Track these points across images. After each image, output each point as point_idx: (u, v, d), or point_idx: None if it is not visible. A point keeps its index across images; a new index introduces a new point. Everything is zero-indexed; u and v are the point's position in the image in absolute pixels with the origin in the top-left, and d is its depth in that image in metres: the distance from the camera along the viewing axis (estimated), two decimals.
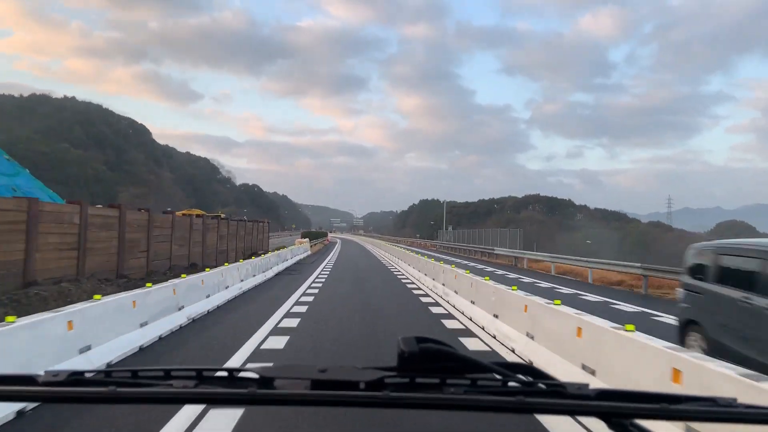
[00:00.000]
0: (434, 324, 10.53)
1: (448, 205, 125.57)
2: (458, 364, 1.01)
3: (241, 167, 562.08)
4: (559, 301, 7.27)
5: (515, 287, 9.40)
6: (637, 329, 5.17)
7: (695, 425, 3.54)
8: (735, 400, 0.95)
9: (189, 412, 4.77)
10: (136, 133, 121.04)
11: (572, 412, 0.99)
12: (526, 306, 8.02)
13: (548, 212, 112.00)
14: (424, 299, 14.44)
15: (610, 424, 0.95)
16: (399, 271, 24.62)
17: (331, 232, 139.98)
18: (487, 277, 11.52)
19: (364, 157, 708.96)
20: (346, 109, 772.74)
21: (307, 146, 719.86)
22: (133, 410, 4.77)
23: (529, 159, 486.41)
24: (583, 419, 4.58)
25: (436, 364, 0.99)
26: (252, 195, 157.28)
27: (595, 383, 4.85)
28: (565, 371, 6.03)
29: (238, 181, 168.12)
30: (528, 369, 1.09)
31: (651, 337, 5.01)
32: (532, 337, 7.59)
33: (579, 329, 6.07)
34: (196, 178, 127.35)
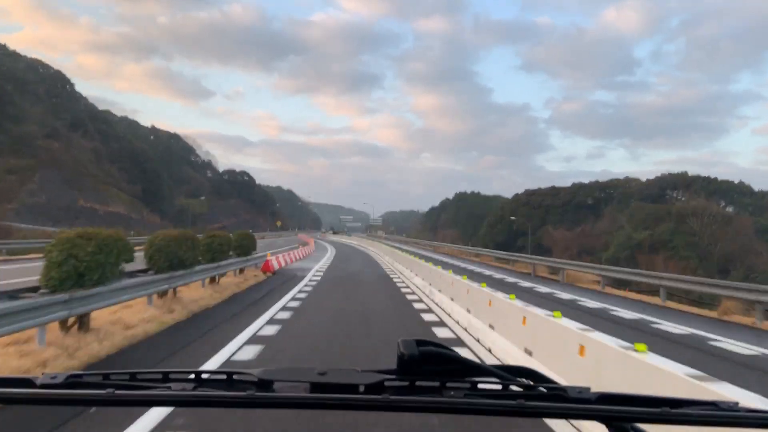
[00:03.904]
0: None
1: (507, 200, 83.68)
2: (458, 367, 1.00)
3: (255, 167, 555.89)
4: None
5: None
6: None
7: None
8: (737, 404, 0.95)
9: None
10: (46, 82, 76.02)
11: (573, 415, 0.98)
12: None
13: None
14: None
15: (611, 428, 0.95)
16: None
17: (334, 234, 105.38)
18: None
19: (378, 156, 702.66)
20: (360, 107, 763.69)
21: (321, 146, 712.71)
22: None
23: (548, 160, 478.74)
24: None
25: (436, 367, 0.99)
26: (238, 186, 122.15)
27: None
28: None
29: (239, 172, 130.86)
30: (528, 372, 1.09)
31: None
32: None
33: None
34: (152, 157, 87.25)
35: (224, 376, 1.02)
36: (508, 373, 1.04)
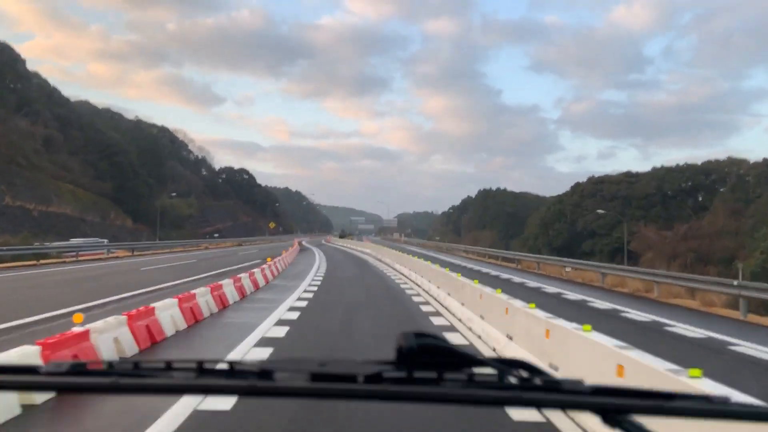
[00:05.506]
0: None
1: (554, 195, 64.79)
2: (456, 359, 1.01)
3: (267, 172, 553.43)
4: None
5: None
6: None
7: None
8: (729, 398, 0.96)
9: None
10: None
11: (568, 406, 1.00)
12: None
13: None
14: None
15: (605, 420, 0.96)
16: None
17: (341, 238, 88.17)
18: None
19: (388, 159, 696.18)
20: (369, 111, 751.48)
21: (331, 150, 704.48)
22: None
23: (558, 161, 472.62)
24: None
25: (434, 358, 1.00)
26: (236, 185, 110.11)
27: None
28: None
29: (238, 170, 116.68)
30: (524, 365, 1.10)
31: None
32: None
33: None
34: (128, 149, 70.78)
35: (226, 366, 1.03)
36: (504, 365, 1.05)
